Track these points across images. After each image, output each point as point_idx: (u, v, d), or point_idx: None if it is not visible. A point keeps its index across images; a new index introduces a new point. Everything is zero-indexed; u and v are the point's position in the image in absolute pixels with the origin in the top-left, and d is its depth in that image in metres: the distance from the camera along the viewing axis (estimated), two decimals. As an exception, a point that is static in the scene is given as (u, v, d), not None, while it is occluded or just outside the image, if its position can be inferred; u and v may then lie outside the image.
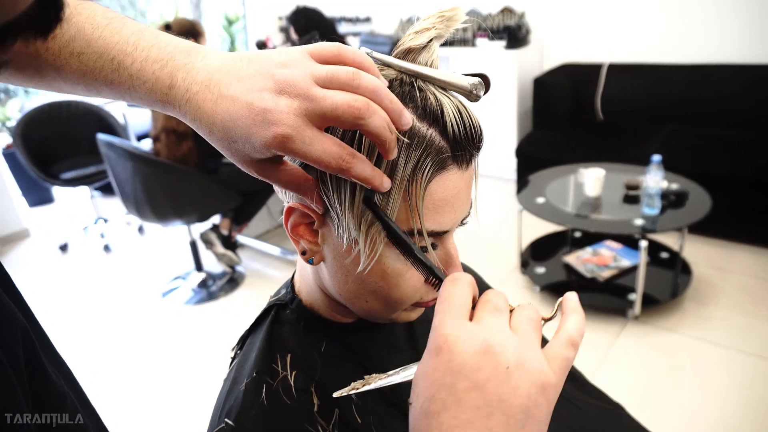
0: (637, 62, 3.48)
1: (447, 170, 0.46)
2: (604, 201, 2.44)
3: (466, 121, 0.46)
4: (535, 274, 2.55)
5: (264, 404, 0.53)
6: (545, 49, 3.92)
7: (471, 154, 0.47)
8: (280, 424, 0.53)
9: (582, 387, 0.77)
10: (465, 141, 0.46)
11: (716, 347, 2.11)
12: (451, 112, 0.45)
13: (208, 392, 2.02)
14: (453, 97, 0.47)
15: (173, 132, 2.43)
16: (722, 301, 2.37)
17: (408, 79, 0.47)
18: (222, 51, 0.44)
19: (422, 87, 0.46)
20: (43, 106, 3.39)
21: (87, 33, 0.43)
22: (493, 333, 0.37)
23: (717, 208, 2.29)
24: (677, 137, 3.11)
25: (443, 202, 0.47)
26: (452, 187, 0.47)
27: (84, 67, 0.44)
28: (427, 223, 0.47)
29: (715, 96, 3.13)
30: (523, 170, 3.38)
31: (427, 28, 0.47)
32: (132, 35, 0.44)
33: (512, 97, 3.69)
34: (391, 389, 0.58)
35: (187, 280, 2.91)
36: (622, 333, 2.23)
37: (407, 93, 0.46)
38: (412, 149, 0.44)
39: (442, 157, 0.45)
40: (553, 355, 0.38)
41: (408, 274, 0.50)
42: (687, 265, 2.52)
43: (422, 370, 0.38)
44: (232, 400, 0.55)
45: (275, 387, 0.55)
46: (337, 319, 0.60)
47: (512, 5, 3.87)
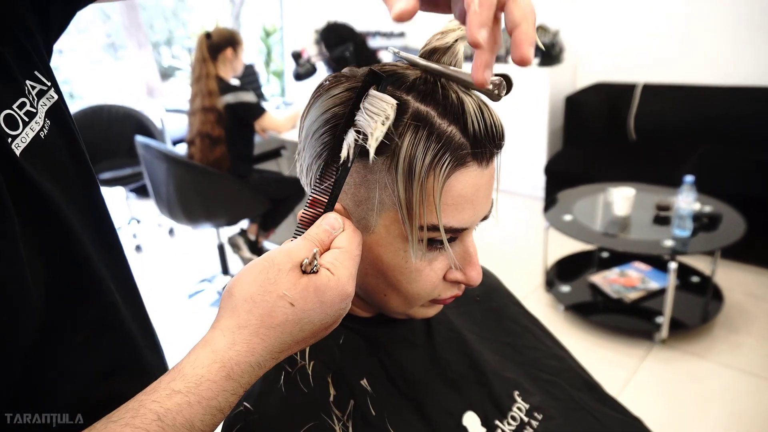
0: (672, 83, 3.43)
1: (467, 167, 0.47)
2: (633, 221, 2.40)
3: (487, 119, 0.47)
4: (559, 293, 2.51)
5: (282, 390, 0.55)
6: (578, 68, 3.90)
7: (491, 153, 0.49)
8: (297, 411, 0.54)
9: (601, 398, 0.76)
10: (485, 139, 0.47)
11: (747, 375, 2.04)
12: (473, 111, 0.47)
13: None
14: (475, 96, 0.48)
15: (207, 136, 2.50)
16: (755, 329, 2.30)
17: (432, 78, 0.48)
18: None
19: (445, 85, 0.48)
20: (86, 109, 3.53)
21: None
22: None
23: (753, 232, 2.23)
24: (711, 159, 3.04)
25: (462, 199, 0.48)
26: (471, 184, 0.48)
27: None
28: (445, 218, 0.48)
29: (751, 118, 3.06)
30: (552, 188, 3.35)
31: (453, 29, 0.48)
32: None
33: (543, 114, 3.68)
34: (407, 382, 0.59)
35: (213, 283, 2.96)
36: (648, 357, 2.17)
37: (430, 91, 0.47)
38: (431, 143, 0.45)
39: (462, 154, 0.46)
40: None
41: (426, 270, 0.51)
42: (719, 290, 2.45)
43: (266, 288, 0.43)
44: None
45: (293, 375, 0.56)
46: (357, 312, 0.61)
47: (547, 23, 3.87)
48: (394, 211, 0.48)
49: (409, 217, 0.47)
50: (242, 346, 0.40)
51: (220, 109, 2.48)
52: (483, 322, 0.73)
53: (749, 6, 3.11)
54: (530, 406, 0.65)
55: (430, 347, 0.64)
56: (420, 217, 0.47)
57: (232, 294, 0.42)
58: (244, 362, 0.40)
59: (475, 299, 0.74)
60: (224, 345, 0.40)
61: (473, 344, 0.67)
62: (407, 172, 0.46)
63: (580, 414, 0.69)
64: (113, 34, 7.04)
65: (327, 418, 0.54)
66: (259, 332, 0.41)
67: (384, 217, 0.49)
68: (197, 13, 7.77)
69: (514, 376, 0.67)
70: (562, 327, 2.35)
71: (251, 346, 0.40)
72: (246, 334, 0.40)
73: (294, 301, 0.41)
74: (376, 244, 0.51)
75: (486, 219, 0.54)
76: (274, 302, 0.41)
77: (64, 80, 6.23)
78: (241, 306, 0.41)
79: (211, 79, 2.47)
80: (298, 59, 2.85)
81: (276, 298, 0.41)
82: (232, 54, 2.53)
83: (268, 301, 0.41)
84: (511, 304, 0.79)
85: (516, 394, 0.65)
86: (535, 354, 0.73)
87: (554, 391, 0.69)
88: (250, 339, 0.40)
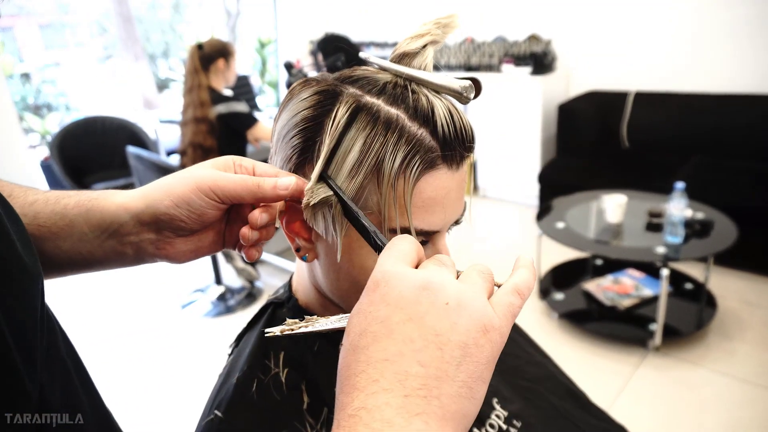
0: (665, 91, 3.45)
1: (436, 169, 0.47)
2: (626, 228, 2.40)
3: (456, 122, 0.47)
4: (553, 301, 2.50)
5: (254, 398, 0.54)
6: (571, 77, 3.93)
7: (461, 155, 0.48)
8: (269, 418, 0.53)
9: (583, 406, 0.75)
10: (455, 141, 0.47)
11: (741, 383, 2.03)
12: (442, 113, 0.46)
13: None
14: (445, 100, 0.48)
15: (200, 147, 2.50)
16: (749, 336, 2.29)
17: (402, 82, 0.48)
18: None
19: (415, 89, 0.48)
20: (79, 120, 3.54)
21: None
22: (435, 273, 0.35)
23: (747, 240, 2.23)
24: (704, 168, 3.05)
25: (433, 201, 0.48)
26: (442, 187, 0.48)
27: None
28: (416, 221, 0.48)
29: (744, 127, 3.07)
30: (545, 196, 3.36)
31: (423, 33, 0.48)
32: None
33: (536, 123, 3.69)
34: None
35: (207, 293, 2.95)
36: (642, 364, 2.16)
37: (399, 94, 0.47)
38: (400, 146, 0.45)
39: (432, 156, 0.46)
40: (497, 301, 0.35)
41: None
42: (713, 297, 2.45)
43: (357, 308, 0.36)
44: (223, 392, 0.56)
45: (266, 382, 0.55)
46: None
47: (539, 33, 3.90)
48: (367, 214, 0.48)
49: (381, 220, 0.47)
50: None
51: (212, 119, 2.49)
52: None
53: (741, 15, 3.14)
54: (509, 414, 0.64)
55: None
56: (390, 220, 0.47)
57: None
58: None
59: None
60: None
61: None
62: (378, 175, 0.46)
63: (560, 422, 0.68)
64: (110, 47, 7.08)
65: (300, 426, 0.54)
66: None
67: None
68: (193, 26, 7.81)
69: (493, 383, 0.67)
70: (556, 335, 2.34)
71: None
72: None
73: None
74: (349, 248, 0.51)
75: (459, 223, 0.53)
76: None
77: (60, 93, 6.25)
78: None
79: (203, 90, 2.48)
80: (291, 69, 2.86)
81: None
82: (224, 65, 2.54)
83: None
84: None
85: (495, 401, 0.65)
86: (516, 361, 0.73)
87: (534, 399, 0.69)
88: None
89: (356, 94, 0.47)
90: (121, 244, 0.49)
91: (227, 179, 0.47)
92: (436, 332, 0.32)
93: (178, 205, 0.47)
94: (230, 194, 0.47)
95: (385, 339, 0.33)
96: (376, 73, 0.50)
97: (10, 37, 6.37)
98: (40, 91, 6.09)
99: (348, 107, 0.46)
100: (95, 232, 0.49)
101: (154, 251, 0.51)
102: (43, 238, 0.48)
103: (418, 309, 0.33)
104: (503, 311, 0.35)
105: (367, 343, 0.33)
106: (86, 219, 0.49)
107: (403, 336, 0.33)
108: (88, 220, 0.49)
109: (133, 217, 0.48)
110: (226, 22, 7.35)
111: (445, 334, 0.32)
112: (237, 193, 0.47)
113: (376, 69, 0.50)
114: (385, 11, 4.78)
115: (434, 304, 0.33)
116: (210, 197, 0.47)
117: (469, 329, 0.33)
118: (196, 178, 0.47)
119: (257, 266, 3.05)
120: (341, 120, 0.46)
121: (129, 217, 0.48)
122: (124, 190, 0.50)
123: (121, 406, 2.15)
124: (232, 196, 0.47)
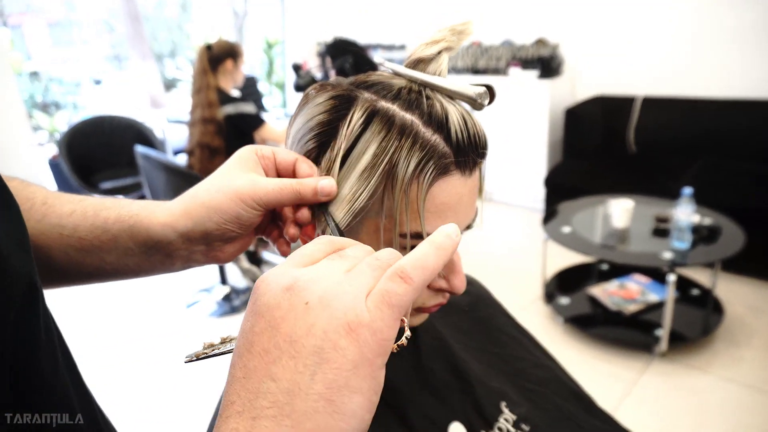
0: (672, 95, 3.44)
1: (450, 175, 0.47)
2: (632, 233, 2.39)
3: (470, 128, 0.47)
4: (559, 305, 2.50)
5: None
6: (578, 80, 3.92)
7: (474, 161, 0.49)
8: None
9: (589, 409, 0.75)
10: (469, 147, 0.47)
11: (748, 389, 2.02)
12: (456, 120, 0.47)
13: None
14: (459, 106, 0.48)
15: (207, 147, 2.51)
16: (756, 342, 2.28)
17: (416, 87, 0.49)
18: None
19: (429, 95, 0.48)
20: (87, 119, 3.56)
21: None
22: (310, 271, 0.31)
23: (754, 245, 2.22)
24: (711, 171, 3.04)
25: (446, 207, 0.48)
26: (455, 193, 0.48)
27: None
28: (428, 227, 0.48)
29: (750, 130, 3.06)
30: (552, 200, 3.35)
31: (438, 39, 0.48)
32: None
33: (543, 126, 3.69)
34: (389, 390, 0.58)
35: (212, 293, 2.96)
36: (648, 370, 2.16)
37: (414, 100, 0.47)
38: (414, 151, 0.45)
39: (445, 162, 0.46)
40: (373, 291, 0.30)
41: None
42: (719, 303, 2.44)
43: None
44: None
45: None
46: None
47: (546, 37, 3.89)
48: (378, 218, 0.48)
49: (392, 225, 0.47)
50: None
51: (220, 119, 2.50)
52: (470, 332, 0.72)
53: (747, 20, 3.13)
54: (517, 417, 0.64)
55: (415, 355, 0.63)
56: (401, 224, 0.47)
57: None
58: None
59: (462, 309, 0.74)
60: None
61: (459, 353, 0.67)
62: (391, 179, 0.46)
63: (566, 424, 0.68)
64: (117, 46, 7.12)
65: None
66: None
67: (367, 225, 0.49)
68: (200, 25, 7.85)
69: (500, 386, 0.67)
70: (561, 339, 2.34)
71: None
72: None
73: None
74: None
75: (470, 228, 0.53)
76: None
77: (68, 91, 6.28)
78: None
79: (211, 91, 2.49)
80: (299, 71, 2.87)
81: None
82: (233, 65, 2.55)
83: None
84: (499, 314, 0.78)
85: (503, 404, 0.65)
86: (523, 364, 0.73)
87: (541, 402, 0.69)
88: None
89: (371, 99, 0.47)
90: (169, 258, 0.50)
91: (266, 189, 0.47)
92: (291, 339, 0.29)
93: (228, 221, 0.47)
94: (272, 203, 0.47)
95: (246, 353, 0.30)
96: (390, 78, 0.50)
97: (19, 34, 6.42)
98: (48, 89, 6.13)
99: (363, 112, 0.46)
100: (141, 248, 0.49)
101: (204, 259, 0.51)
102: (84, 250, 0.48)
103: (276, 314, 0.29)
104: (375, 302, 0.29)
105: (234, 360, 0.30)
106: (130, 235, 0.48)
107: (260, 347, 0.29)
108: (133, 237, 0.48)
109: (181, 236, 0.48)
110: (233, 22, 7.38)
111: (300, 340, 0.28)
112: (279, 201, 0.47)
113: (390, 74, 0.51)
114: (392, 14, 4.79)
115: (293, 307, 0.29)
116: (254, 207, 0.47)
117: (327, 330, 0.28)
118: (236, 190, 0.46)
119: (262, 266, 3.06)
120: (356, 124, 0.46)
121: (177, 236, 0.48)
122: (163, 204, 0.49)
123: (125, 406, 2.16)
124: (274, 204, 0.47)
